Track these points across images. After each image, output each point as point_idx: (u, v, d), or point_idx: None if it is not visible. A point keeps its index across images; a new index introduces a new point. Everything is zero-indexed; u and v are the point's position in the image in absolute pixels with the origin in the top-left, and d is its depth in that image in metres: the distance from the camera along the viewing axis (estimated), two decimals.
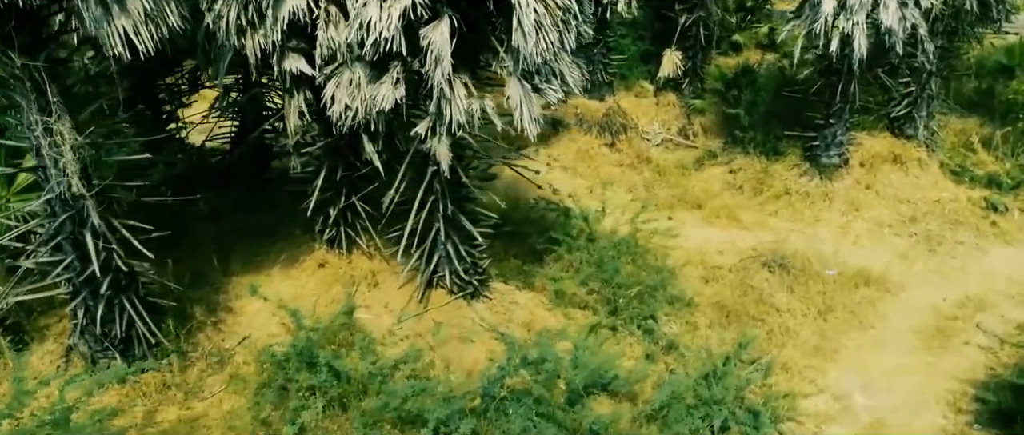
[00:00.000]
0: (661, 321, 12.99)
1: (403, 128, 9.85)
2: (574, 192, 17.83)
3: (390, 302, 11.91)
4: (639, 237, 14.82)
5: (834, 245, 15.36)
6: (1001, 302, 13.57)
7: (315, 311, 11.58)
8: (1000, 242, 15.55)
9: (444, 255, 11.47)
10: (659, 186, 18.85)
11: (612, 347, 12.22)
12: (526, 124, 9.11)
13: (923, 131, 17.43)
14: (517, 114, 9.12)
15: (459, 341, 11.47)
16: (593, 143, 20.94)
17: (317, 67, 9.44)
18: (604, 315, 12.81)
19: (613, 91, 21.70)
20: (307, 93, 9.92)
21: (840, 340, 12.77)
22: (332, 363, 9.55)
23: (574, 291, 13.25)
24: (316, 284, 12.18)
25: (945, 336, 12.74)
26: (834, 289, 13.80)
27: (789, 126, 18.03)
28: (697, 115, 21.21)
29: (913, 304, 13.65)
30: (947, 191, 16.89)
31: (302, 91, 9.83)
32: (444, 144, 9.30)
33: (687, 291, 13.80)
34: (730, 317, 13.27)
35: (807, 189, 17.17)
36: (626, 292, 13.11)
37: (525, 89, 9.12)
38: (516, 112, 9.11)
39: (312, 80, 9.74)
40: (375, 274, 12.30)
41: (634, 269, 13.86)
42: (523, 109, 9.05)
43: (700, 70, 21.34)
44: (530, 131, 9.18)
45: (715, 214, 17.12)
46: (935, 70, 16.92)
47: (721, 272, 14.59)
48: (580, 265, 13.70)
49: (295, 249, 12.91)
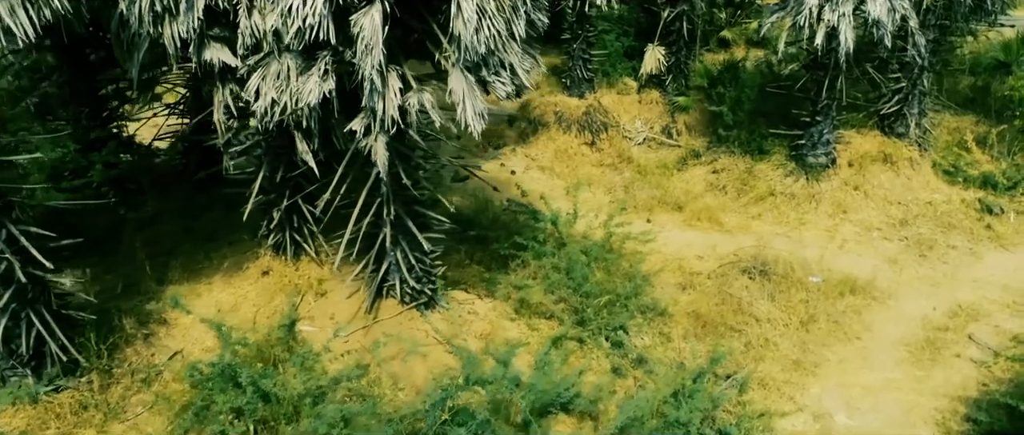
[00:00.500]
0: (632, 332, 12.16)
1: (340, 125, 8.99)
2: (549, 193, 16.98)
3: (336, 313, 11.08)
4: (613, 241, 13.97)
5: (819, 250, 14.52)
6: (995, 311, 12.71)
7: (255, 323, 10.76)
8: (995, 246, 14.70)
9: (393, 262, 10.63)
10: (639, 187, 18.01)
11: (577, 361, 11.40)
12: (470, 120, 8.26)
13: (914, 129, 16.57)
14: (460, 109, 8.27)
15: (409, 355, 10.64)
16: (573, 142, 20.13)
17: (241, 58, 8.57)
18: (570, 326, 11.96)
19: (594, 88, 20.85)
20: (234, 87, 9.06)
21: (822, 353, 11.92)
22: (258, 382, 8.69)
23: (540, 300, 12.41)
24: (258, 293, 11.35)
25: (935, 349, 11.90)
26: (818, 297, 12.96)
27: (775, 124, 17.19)
28: (681, 113, 20.36)
29: (901, 314, 12.81)
30: (939, 192, 16.06)
31: (228, 84, 8.97)
32: (381, 143, 8.45)
33: (662, 299, 12.96)
34: (706, 327, 12.42)
35: (792, 190, 16.33)
36: (595, 301, 12.27)
37: (469, 82, 8.27)
38: (459, 107, 8.26)
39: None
40: (322, 282, 11.48)
41: (605, 276, 13.01)
42: (466, 104, 8.20)
43: (684, 66, 20.50)
44: (474, 128, 8.33)
45: (696, 217, 16.28)
46: (927, 65, 16.07)
47: (699, 279, 13.76)
48: (548, 272, 12.84)
49: (240, 255, 12.09)
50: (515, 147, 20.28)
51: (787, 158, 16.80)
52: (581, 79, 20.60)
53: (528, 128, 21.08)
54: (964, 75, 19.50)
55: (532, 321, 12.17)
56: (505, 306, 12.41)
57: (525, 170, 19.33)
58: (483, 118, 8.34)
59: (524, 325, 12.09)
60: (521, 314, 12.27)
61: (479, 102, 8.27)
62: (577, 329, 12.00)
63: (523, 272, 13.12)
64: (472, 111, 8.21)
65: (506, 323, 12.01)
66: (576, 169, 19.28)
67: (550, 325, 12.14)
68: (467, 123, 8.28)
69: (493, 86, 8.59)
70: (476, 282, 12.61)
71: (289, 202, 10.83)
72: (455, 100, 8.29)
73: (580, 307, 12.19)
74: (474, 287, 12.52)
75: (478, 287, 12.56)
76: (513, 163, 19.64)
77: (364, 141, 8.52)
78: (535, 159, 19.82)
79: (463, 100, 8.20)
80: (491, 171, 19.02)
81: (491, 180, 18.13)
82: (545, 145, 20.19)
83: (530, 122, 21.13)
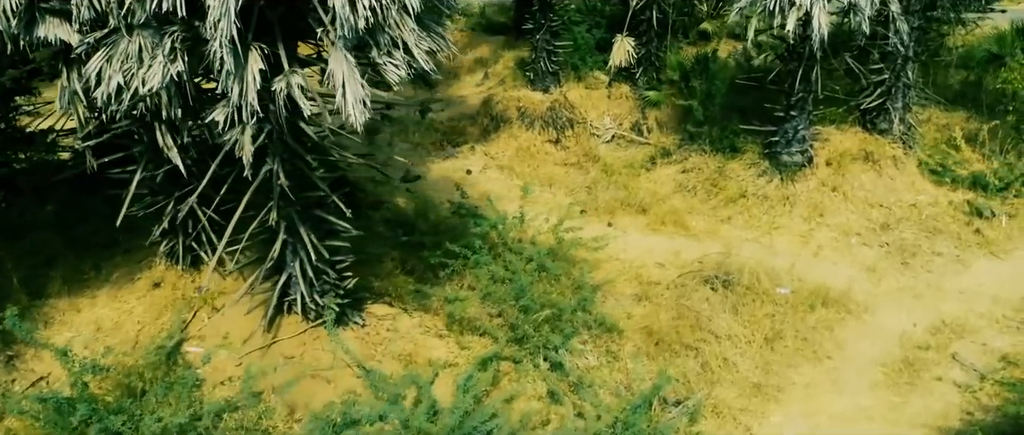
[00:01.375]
0: (575, 351, 10.86)
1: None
2: (507, 195, 15.73)
3: (232, 332, 9.77)
4: (563, 247, 12.67)
5: (792, 257, 13.20)
6: (983, 327, 11.40)
7: (136, 343, 9.44)
8: (984, 253, 13.37)
9: (295, 274, 9.30)
10: (603, 187, 16.68)
11: (509, 384, 10.09)
12: (349, 109, 6.94)
13: (898, 125, 15.24)
14: (339, 95, 6.95)
15: (311, 380, 9.32)
16: (535, 140, 18.82)
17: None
18: (505, 344, 10.65)
19: (560, 82, 19.53)
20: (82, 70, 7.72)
21: (787, 375, 10.61)
22: (106, 419, 7.35)
23: (474, 314, 11.12)
24: (145, 308, 10.03)
25: (914, 371, 10.58)
26: (786, 311, 11.64)
27: (749, 120, 15.86)
28: (652, 109, 19.02)
29: (878, 330, 11.49)
30: (925, 194, 14.74)
31: (75, 68, 7.64)
32: (248, 135, 7.13)
33: (612, 313, 11.67)
34: (659, 346, 11.11)
35: (765, 192, 15.01)
36: (535, 315, 10.95)
37: (349, 64, 6.94)
38: (338, 93, 6.94)
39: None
40: (219, 296, 10.14)
41: (550, 287, 11.71)
42: (346, 89, 6.87)
43: (655, 59, 19.18)
44: (354, 119, 7.01)
45: (660, 220, 14.96)
46: (911, 55, 14.74)
47: (657, 289, 12.44)
48: (487, 283, 11.53)
49: (134, 265, 10.78)
50: (474, 145, 18.97)
51: (760, 156, 15.49)
52: (545, 72, 19.29)
53: (490, 125, 19.79)
54: (955, 69, 18.17)
55: (464, 338, 10.87)
56: (436, 321, 11.11)
57: (483, 169, 18.02)
58: (366, 107, 7.02)
59: (454, 343, 10.79)
60: (452, 331, 10.97)
61: (360, 88, 6.93)
62: (513, 348, 10.69)
63: (461, 283, 11.85)
64: (352, 98, 6.89)
65: (433, 341, 10.70)
66: (538, 168, 17.97)
67: (484, 343, 10.84)
68: (348, 113, 6.96)
69: (384, 70, 7.27)
70: (404, 294, 11.30)
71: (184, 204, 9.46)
72: (334, 85, 6.97)
73: (518, 322, 10.87)
74: (401, 300, 11.20)
75: (406, 300, 11.25)
76: (471, 162, 18.33)
77: (230, 134, 7.21)
78: (494, 158, 18.50)
79: (342, 85, 6.88)
80: (445, 171, 17.76)
81: (443, 180, 16.89)
82: (506, 143, 18.89)
83: (492, 118, 19.82)
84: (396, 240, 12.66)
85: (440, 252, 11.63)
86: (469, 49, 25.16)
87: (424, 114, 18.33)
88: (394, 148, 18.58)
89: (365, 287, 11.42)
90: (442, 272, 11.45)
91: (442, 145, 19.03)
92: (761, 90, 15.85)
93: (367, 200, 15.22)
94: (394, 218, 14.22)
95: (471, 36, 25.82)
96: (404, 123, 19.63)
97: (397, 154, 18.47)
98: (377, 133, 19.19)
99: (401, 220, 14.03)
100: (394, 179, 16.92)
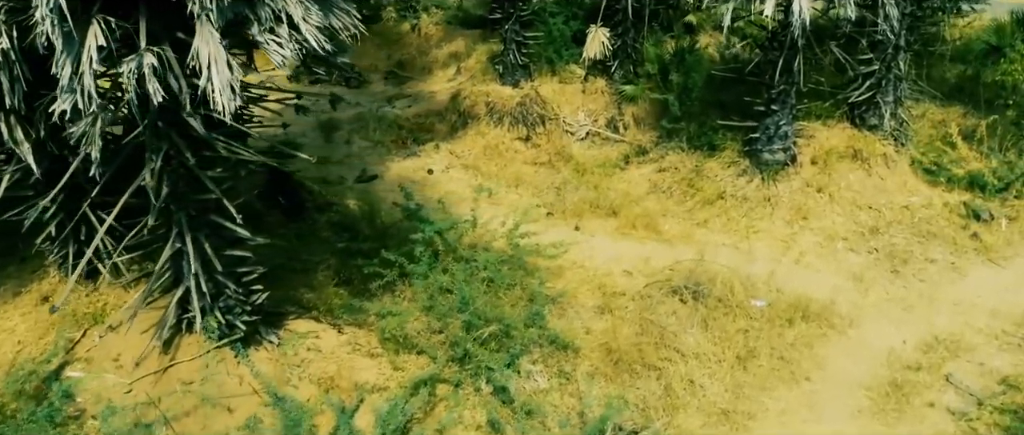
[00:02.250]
0: (524, 372, 9.69)
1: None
2: (465, 196, 14.58)
3: (124, 353, 8.61)
4: (518, 254, 11.49)
5: (771, 264, 12.07)
6: (981, 344, 10.23)
7: (13, 366, 8.26)
8: (982, 260, 12.20)
9: (195, 288, 8.12)
10: (573, 188, 15.50)
11: (446, 412, 8.93)
12: (215, 93, 5.77)
13: (889, 120, 14.07)
14: (204, 78, 5.78)
15: (211, 409, 8.15)
16: (504, 137, 17.66)
17: None
18: (445, 363, 9.50)
19: (531, 76, 18.34)
20: None
21: (760, 399, 9.43)
22: None
23: (413, 330, 9.96)
24: (30, 326, 8.89)
25: (903, 395, 9.40)
26: (761, 326, 10.47)
27: (730, 116, 14.68)
28: (629, 104, 17.83)
29: (864, 347, 10.32)
30: (918, 195, 13.58)
31: None
32: (97, 128, 5.96)
33: (569, 328, 10.50)
34: (619, 365, 9.94)
35: (745, 192, 13.84)
36: (480, 331, 9.79)
37: (215, 41, 5.77)
38: (203, 75, 5.77)
39: None
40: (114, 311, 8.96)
41: (499, 298, 10.55)
42: (212, 71, 5.71)
43: (632, 51, 18.00)
44: (221, 104, 5.84)
45: (631, 223, 13.78)
46: (902, 44, 13.57)
47: (621, 301, 11.26)
48: (429, 294, 10.36)
49: (26, 276, 9.59)
50: (439, 143, 17.81)
51: (740, 155, 14.32)
52: (515, 66, 18.13)
53: (458, 121, 18.64)
54: (951, 63, 17.00)
55: (399, 358, 9.71)
56: (369, 339, 9.96)
57: (446, 169, 16.86)
58: (235, 92, 5.86)
59: (387, 364, 9.62)
60: (387, 349, 9.81)
61: (227, 69, 5.77)
62: (453, 368, 9.54)
63: (403, 294, 10.70)
64: (220, 81, 5.73)
65: (362, 362, 9.54)
66: (505, 167, 16.80)
67: (422, 363, 9.68)
68: (214, 98, 5.80)
69: (267, 48, 6.11)
70: (335, 308, 10.14)
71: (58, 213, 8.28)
72: (200, 65, 5.80)
73: (461, 339, 9.71)
74: (330, 314, 10.05)
75: (337, 315, 10.10)
76: (434, 161, 17.18)
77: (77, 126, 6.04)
78: (459, 156, 17.34)
79: (210, 65, 5.71)
80: (405, 170, 16.60)
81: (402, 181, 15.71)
82: (473, 141, 17.74)
83: (460, 115, 18.68)
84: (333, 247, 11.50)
85: (376, 261, 10.45)
86: (444, 43, 24.01)
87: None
88: (352, 146, 17.43)
89: (294, 300, 10.29)
90: (374, 283, 10.26)
91: (404, 143, 17.86)
92: (744, 84, 14.67)
93: (315, 202, 14.09)
94: (341, 222, 13.08)
95: (446, 30, 24.66)
96: (364, 119, 18.47)
97: (355, 152, 17.37)
98: (335, 130, 18.05)
99: (348, 224, 12.89)
100: (348, 179, 15.78)
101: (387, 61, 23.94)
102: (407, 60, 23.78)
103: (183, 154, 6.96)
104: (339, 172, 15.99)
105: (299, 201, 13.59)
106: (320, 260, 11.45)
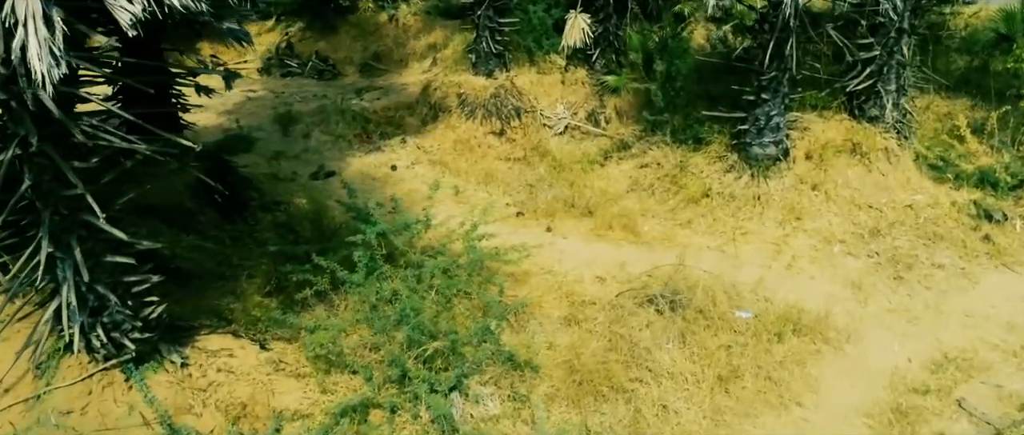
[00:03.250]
0: (472, 396, 8.44)
1: None
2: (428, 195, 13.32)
3: None
4: (476, 258, 10.23)
5: (759, 269, 10.83)
6: (997, 363, 8.98)
7: None
8: (995, 265, 10.97)
9: (70, 301, 6.87)
10: (547, 186, 14.28)
11: None
12: (32, 62, 4.54)
13: (891, 112, 12.81)
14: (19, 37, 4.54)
15: None
16: (477, 131, 16.46)
17: None
18: (380, 386, 8.25)
19: (506, 66, 17.09)
20: None
21: (743, 427, 8.18)
22: None
23: (347, 347, 8.72)
24: None
25: (908, 422, 8.14)
26: (746, 341, 9.22)
27: (718, 107, 13.42)
28: (611, 95, 16.59)
29: (863, 366, 9.07)
30: (923, 193, 12.33)
31: None
32: None
33: (529, 343, 9.25)
34: (583, 386, 8.68)
35: (733, 190, 12.60)
36: (424, 348, 8.55)
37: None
38: (19, 33, 4.54)
39: None
40: None
41: (451, 310, 9.31)
42: (28, 29, 4.47)
43: (614, 39, 16.76)
44: (39, 74, 4.60)
45: (607, 224, 12.55)
46: (906, 27, 12.31)
47: (591, 311, 10.01)
48: (368, 306, 9.11)
49: None
50: (406, 137, 16.59)
51: (728, 149, 13.08)
52: (489, 54, 16.86)
53: (429, 114, 17.43)
54: (958, 53, 15.76)
55: (329, 379, 8.47)
56: (297, 357, 8.71)
57: (411, 165, 15.64)
58: (56, 57, 4.64)
59: (314, 386, 8.37)
60: (316, 369, 8.56)
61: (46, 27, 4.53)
62: (391, 390, 8.30)
63: (342, 305, 9.46)
64: (36, 48, 4.50)
65: (286, 383, 8.30)
66: (476, 163, 15.60)
67: (355, 385, 8.43)
68: (31, 68, 4.56)
69: (113, 7, 4.87)
70: (259, 321, 8.90)
71: None
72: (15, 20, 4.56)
73: (400, 357, 8.46)
74: (252, 329, 8.81)
75: (261, 329, 8.86)
76: (399, 156, 15.96)
77: None
78: (427, 151, 16.14)
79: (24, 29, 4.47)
80: (367, 166, 15.36)
81: (362, 178, 14.49)
82: (443, 134, 16.54)
83: (431, 108, 17.47)
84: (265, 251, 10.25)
85: (306, 267, 9.20)
86: (423, 34, 22.87)
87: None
88: (310, 140, 16.19)
89: (213, 311, 9.05)
90: (304, 293, 9.01)
91: (368, 137, 16.63)
92: (735, 73, 13.43)
93: (261, 200, 12.86)
94: (286, 222, 11.84)
95: (426, 20, 23.46)
96: (326, 112, 17.24)
97: (313, 147, 16.13)
98: (294, 123, 16.81)
99: (294, 225, 11.66)
100: (302, 176, 14.54)
101: (363, 53, 22.76)
102: (384, 52, 22.60)
103: (31, 138, 5.71)
104: (293, 168, 14.76)
105: (242, 199, 12.36)
106: (252, 265, 10.22)
